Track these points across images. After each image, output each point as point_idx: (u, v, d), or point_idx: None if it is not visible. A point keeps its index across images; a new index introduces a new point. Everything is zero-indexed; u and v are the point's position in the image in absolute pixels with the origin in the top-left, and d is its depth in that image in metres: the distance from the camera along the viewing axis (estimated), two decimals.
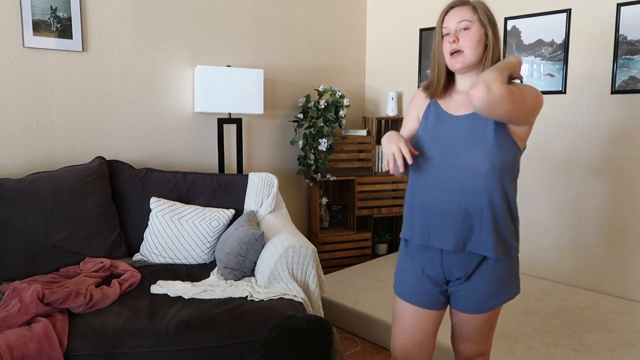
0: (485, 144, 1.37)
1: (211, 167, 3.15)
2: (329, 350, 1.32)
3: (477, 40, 1.39)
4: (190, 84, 3.01)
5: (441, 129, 1.45)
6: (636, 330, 2.39)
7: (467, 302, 1.49)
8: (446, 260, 1.47)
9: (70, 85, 2.58)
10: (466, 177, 1.38)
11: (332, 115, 3.28)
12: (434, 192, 1.43)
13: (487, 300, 1.48)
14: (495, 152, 1.36)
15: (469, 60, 1.40)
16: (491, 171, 1.36)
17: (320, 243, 3.48)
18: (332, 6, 3.71)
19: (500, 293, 1.48)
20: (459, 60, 1.40)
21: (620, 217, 2.81)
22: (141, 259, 2.40)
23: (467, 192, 1.38)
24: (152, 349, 1.69)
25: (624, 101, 2.75)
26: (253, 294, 1.99)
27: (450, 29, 1.41)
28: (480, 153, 1.37)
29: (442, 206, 1.42)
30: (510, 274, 1.48)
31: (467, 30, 1.39)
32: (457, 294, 1.50)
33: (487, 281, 1.46)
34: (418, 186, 1.48)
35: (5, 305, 1.75)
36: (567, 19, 2.92)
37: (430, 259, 1.49)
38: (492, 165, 1.36)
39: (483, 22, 1.40)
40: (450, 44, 1.40)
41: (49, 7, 2.45)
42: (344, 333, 2.70)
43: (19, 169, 2.45)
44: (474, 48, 1.39)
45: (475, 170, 1.37)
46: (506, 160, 1.37)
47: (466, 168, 1.38)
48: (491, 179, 1.37)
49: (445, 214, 1.42)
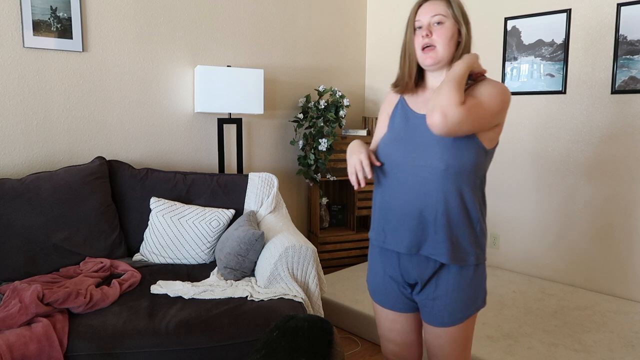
0: (441, 144, 1.31)
1: (211, 167, 3.15)
2: (330, 351, 1.32)
3: (450, 36, 1.35)
4: (190, 84, 3.01)
5: (406, 127, 1.40)
6: (636, 330, 2.39)
7: (430, 312, 1.42)
8: (403, 263, 1.43)
9: (70, 85, 2.58)
10: (423, 178, 1.33)
11: (332, 115, 3.28)
12: (393, 193, 1.39)
13: (450, 312, 1.39)
14: (450, 153, 1.30)
15: (441, 57, 1.35)
16: (445, 172, 1.30)
17: (320, 243, 3.47)
18: (332, 6, 3.71)
19: (463, 306, 1.39)
20: (430, 55, 1.35)
21: (620, 217, 2.81)
22: (141, 259, 2.40)
23: (423, 194, 1.33)
24: (152, 349, 1.69)
25: (624, 101, 2.75)
26: (253, 294, 1.99)
27: (423, 22, 1.36)
28: (435, 153, 1.31)
29: (399, 208, 1.38)
30: (474, 285, 1.40)
31: (441, 25, 1.35)
32: (421, 304, 1.45)
33: (446, 290, 1.39)
34: (380, 187, 1.44)
35: (5, 305, 1.75)
36: (567, 19, 2.92)
37: (389, 261, 1.46)
38: (445, 165, 1.30)
39: (457, 18, 1.36)
40: (422, 38, 1.35)
41: (49, 7, 2.45)
42: (344, 333, 2.70)
43: (19, 169, 2.45)
44: (447, 44, 1.35)
45: (430, 171, 1.32)
46: (463, 161, 1.30)
47: (423, 169, 1.33)
48: (446, 181, 1.31)
49: (401, 216, 1.37)
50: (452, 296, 1.38)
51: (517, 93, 3.17)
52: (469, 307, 1.40)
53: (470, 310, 1.41)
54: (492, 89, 1.31)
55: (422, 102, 1.41)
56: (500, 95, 1.30)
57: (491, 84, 1.33)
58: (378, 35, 3.94)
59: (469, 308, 1.40)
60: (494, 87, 1.31)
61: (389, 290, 1.49)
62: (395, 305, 1.49)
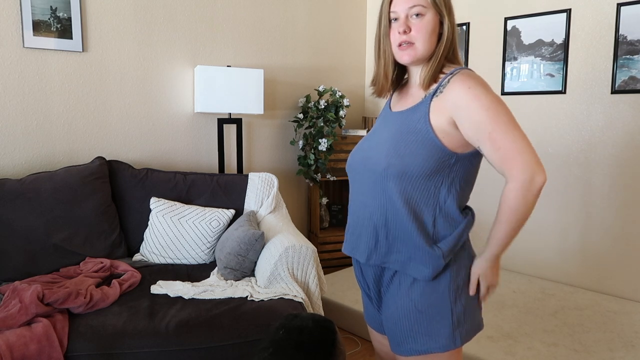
0: (392, 140, 1.17)
1: (211, 167, 3.15)
2: (334, 350, 1.32)
3: (431, 30, 1.15)
4: (190, 84, 3.01)
5: (378, 126, 1.28)
6: (636, 330, 2.39)
7: (388, 333, 1.25)
8: (364, 271, 1.31)
9: (70, 85, 2.58)
10: (372, 179, 1.20)
11: (332, 115, 3.28)
12: (352, 198, 1.30)
13: (402, 338, 1.19)
14: (397, 151, 1.14)
15: (420, 54, 1.17)
16: (384, 171, 1.15)
17: (320, 243, 3.47)
18: (332, 6, 3.71)
19: (417, 333, 1.16)
20: (408, 53, 1.17)
21: (620, 216, 2.81)
22: (141, 259, 2.40)
23: (371, 197, 1.20)
24: (152, 349, 1.69)
25: (624, 101, 2.75)
26: (253, 294, 1.99)
27: (399, 14, 1.16)
28: (382, 151, 1.17)
29: (354, 212, 1.27)
30: (436, 304, 1.16)
31: (420, 18, 1.15)
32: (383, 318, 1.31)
33: (397, 305, 1.20)
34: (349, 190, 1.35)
35: (5, 305, 1.75)
36: (567, 19, 2.92)
37: (356, 271, 1.36)
38: (387, 164, 1.15)
39: (439, 7, 1.16)
40: (399, 34, 1.16)
41: (49, 7, 2.45)
42: (344, 333, 2.70)
43: (19, 169, 2.45)
44: (427, 40, 1.16)
45: (376, 171, 1.18)
46: (408, 162, 1.13)
47: (372, 169, 1.20)
48: (387, 182, 1.16)
49: (357, 221, 1.26)
50: (404, 314, 1.18)
51: (517, 93, 3.17)
52: (429, 337, 1.16)
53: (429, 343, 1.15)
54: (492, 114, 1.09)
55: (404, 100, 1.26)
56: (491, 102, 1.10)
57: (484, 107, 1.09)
58: None
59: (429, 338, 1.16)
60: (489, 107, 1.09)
61: (368, 308, 1.38)
62: (374, 324, 1.37)
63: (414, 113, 1.19)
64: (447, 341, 1.16)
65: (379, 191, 1.18)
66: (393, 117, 1.24)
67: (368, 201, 1.22)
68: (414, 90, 1.24)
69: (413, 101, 1.22)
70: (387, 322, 1.24)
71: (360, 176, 1.24)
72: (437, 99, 1.16)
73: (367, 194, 1.22)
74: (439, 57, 1.18)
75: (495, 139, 1.08)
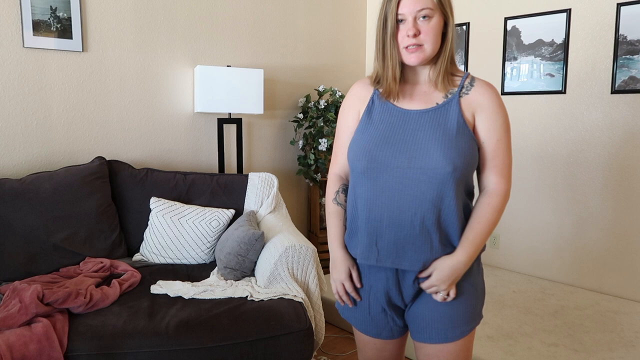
0: (445, 143, 1.16)
1: (211, 167, 3.15)
2: None
3: (438, 31, 1.18)
4: (190, 84, 3.01)
5: (388, 124, 1.23)
6: (636, 330, 2.39)
7: (428, 328, 1.25)
8: (402, 278, 1.25)
9: (70, 85, 2.58)
10: (419, 182, 1.16)
11: (332, 115, 3.28)
12: (382, 200, 1.19)
13: (453, 325, 1.24)
14: (457, 153, 1.16)
15: (428, 55, 1.19)
16: (451, 174, 1.15)
17: (320, 243, 3.47)
18: (332, 6, 3.71)
19: (465, 317, 1.25)
20: (416, 55, 1.18)
21: (620, 216, 2.81)
22: (141, 259, 2.40)
23: (421, 200, 1.16)
24: (152, 349, 1.69)
25: (624, 101, 2.75)
26: (253, 294, 1.99)
27: (407, 16, 1.16)
28: (440, 153, 1.15)
29: (393, 217, 1.19)
30: (475, 293, 1.27)
31: (428, 21, 1.16)
32: (415, 320, 1.28)
33: (450, 302, 1.24)
34: (362, 193, 1.23)
35: (5, 305, 1.75)
36: (567, 19, 2.92)
37: (381, 281, 1.27)
38: (453, 167, 1.15)
39: (444, 8, 1.18)
40: (408, 37, 1.17)
41: (49, 7, 2.45)
42: (344, 333, 2.70)
43: (19, 169, 2.45)
44: (435, 42, 1.18)
45: (430, 173, 1.15)
46: (468, 161, 1.18)
47: (420, 171, 1.16)
48: (448, 184, 1.16)
49: (398, 227, 1.18)
50: (455, 306, 1.24)
51: (517, 93, 3.17)
52: (473, 317, 1.27)
53: (473, 323, 1.27)
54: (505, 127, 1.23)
55: (408, 98, 1.25)
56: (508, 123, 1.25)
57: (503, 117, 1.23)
58: None
59: (472, 319, 1.26)
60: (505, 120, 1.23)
61: (374, 316, 1.32)
62: (382, 332, 1.33)
63: (446, 112, 1.21)
64: (478, 316, 1.29)
65: (434, 194, 1.16)
66: (413, 116, 1.22)
67: (414, 205, 1.17)
68: (425, 89, 1.25)
69: (431, 100, 1.24)
70: (436, 313, 1.25)
71: (394, 178, 1.18)
72: (463, 99, 1.23)
73: (411, 197, 1.17)
74: (447, 57, 1.22)
75: (499, 147, 1.22)
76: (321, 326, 2.08)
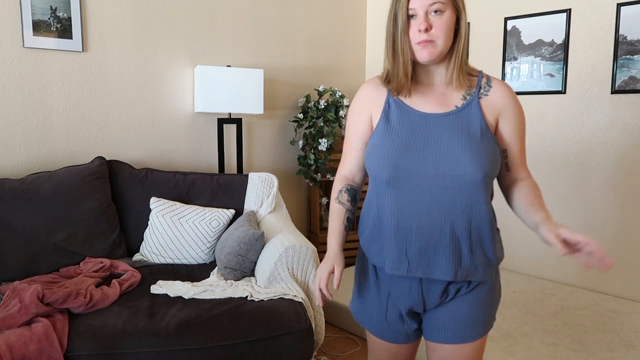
0: (471, 148, 1.14)
1: (211, 167, 3.15)
2: None
3: (450, 27, 1.15)
4: (190, 84, 3.01)
5: (409, 129, 1.19)
6: (636, 330, 2.39)
7: (445, 328, 1.25)
8: (427, 288, 1.24)
9: (70, 85, 2.58)
10: (448, 189, 1.14)
11: (332, 115, 3.28)
12: (410, 209, 1.16)
13: (471, 326, 1.24)
14: (485, 158, 1.14)
15: (440, 51, 1.15)
16: (482, 180, 1.13)
17: (320, 243, 3.47)
18: (332, 6, 3.71)
19: (482, 319, 1.26)
20: (428, 50, 1.14)
21: (620, 216, 2.81)
22: (141, 259, 2.40)
23: (450, 208, 1.14)
24: (152, 349, 1.69)
25: (624, 101, 2.75)
26: (253, 294, 1.99)
27: (418, 11, 1.13)
28: (469, 159, 1.12)
29: (422, 226, 1.16)
30: (494, 297, 1.27)
31: (440, 15, 1.13)
32: (432, 321, 1.27)
33: (470, 303, 1.24)
34: (385, 201, 1.20)
35: (5, 305, 1.75)
36: (567, 19, 2.92)
37: (403, 290, 1.26)
38: (483, 173, 1.13)
39: (457, 3, 1.16)
40: (420, 32, 1.13)
41: (49, 7, 2.45)
42: (344, 333, 2.70)
43: (19, 169, 2.45)
44: (447, 37, 1.15)
45: (459, 180, 1.13)
46: (496, 165, 1.16)
47: (449, 178, 1.13)
48: (478, 190, 1.14)
49: (428, 236, 1.16)
50: (475, 309, 1.24)
51: (517, 93, 3.17)
52: (489, 321, 1.27)
53: (489, 326, 1.27)
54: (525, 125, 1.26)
55: (424, 100, 1.21)
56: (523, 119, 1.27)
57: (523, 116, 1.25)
58: (378, 35, 3.93)
59: (488, 322, 1.27)
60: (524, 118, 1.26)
61: (391, 322, 1.31)
62: (398, 337, 1.32)
63: (467, 115, 1.18)
64: (494, 317, 1.30)
65: (463, 201, 1.14)
66: (433, 119, 1.18)
67: (444, 213, 1.14)
68: (442, 90, 1.22)
69: (449, 102, 1.20)
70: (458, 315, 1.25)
71: (421, 186, 1.15)
72: (483, 100, 1.21)
73: (441, 205, 1.14)
74: (460, 54, 1.18)
75: (523, 147, 1.27)
76: (321, 326, 2.08)
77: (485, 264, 1.20)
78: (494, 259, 1.21)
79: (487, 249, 1.19)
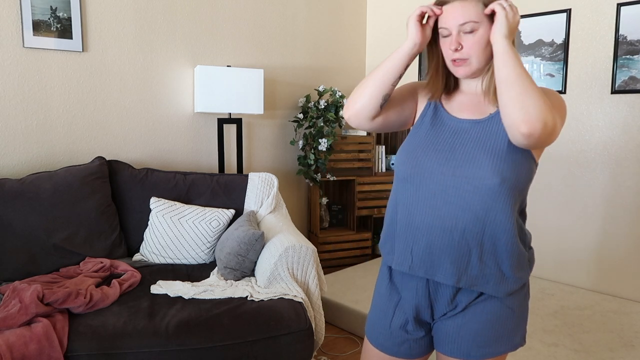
0: (493, 153, 1.11)
1: (211, 167, 3.15)
2: None
3: (485, 44, 1.12)
4: (190, 84, 3.01)
5: (439, 131, 1.20)
6: (636, 330, 2.39)
7: (453, 342, 1.20)
8: (434, 292, 1.20)
9: (70, 85, 2.58)
10: (465, 192, 1.12)
11: (332, 115, 3.28)
12: (423, 206, 1.16)
13: (478, 344, 1.18)
14: (507, 164, 1.10)
15: (475, 69, 1.15)
16: (499, 186, 1.09)
17: (320, 243, 3.47)
18: (331, 6, 3.71)
19: (498, 340, 1.18)
20: (463, 69, 1.15)
21: (620, 216, 2.81)
22: (141, 259, 2.40)
23: (463, 211, 1.12)
24: (152, 349, 1.69)
25: (624, 101, 2.75)
26: (253, 294, 1.99)
27: (451, 30, 1.12)
28: (488, 163, 1.10)
29: (433, 226, 1.15)
30: (516, 319, 1.20)
31: (473, 34, 1.11)
32: (442, 331, 1.23)
33: (484, 320, 1.18)
34: (402, 199, 1.20)
35: (5, 305, 1.75)
36: (567, 19, 2.92)
37: (410, 292, 1.23)
38: (501, 179, 1.09)
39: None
40: (452, 51, 1.14)
41: (49, 7, 2.45)
42: (344, 333, 2.70)
43: (19, 169, 2.45)
44: (482, 55, 1.13)
45: (477, 184, 1.11)
46: (520, 175, 1.12)
47: (466, 181, 1.12)
48: (497, 197, 1.10)
49: (436, 236, 1.14)
50: (490, 328, 1.18)
51: None
52: (507, 342, 1.19)
53: (504, 346, 1.19)
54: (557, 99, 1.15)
55: (459, 106, 1.22)
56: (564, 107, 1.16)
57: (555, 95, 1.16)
58: (378, 35, 3.94)
59: (507, 343, 1.19)
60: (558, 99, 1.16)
61: (395, 329, 1.27)
62: (399, 348, 1.27)
63: (498, 123, 1.15)
64: (520, 340, 1.22)
65: (479, 206, 1.11)
66: (462, 124, 1.19)
67: (456, 216, 1.12)
68: (479, 99, 1.21)
69: (484, 110, 1.19)
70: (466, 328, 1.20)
71: (438, 186, 1.15)
72: None
73: (454, 206, 1.13)
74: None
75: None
76: (321, 326, 2.08)
77: (498, 277, 1.15)
78: (510, 276, 1.15)
79: (502, 262, 1.14)
